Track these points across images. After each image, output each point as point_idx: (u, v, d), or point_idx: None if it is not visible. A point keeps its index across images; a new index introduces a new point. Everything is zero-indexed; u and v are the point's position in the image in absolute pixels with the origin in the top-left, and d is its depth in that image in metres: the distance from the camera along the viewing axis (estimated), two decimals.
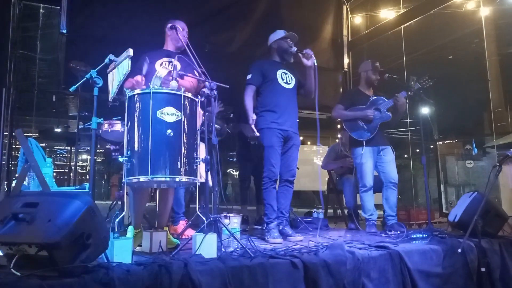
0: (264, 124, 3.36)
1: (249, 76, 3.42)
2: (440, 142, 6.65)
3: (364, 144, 3.89)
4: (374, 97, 4.00)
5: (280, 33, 3.53)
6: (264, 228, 3.35)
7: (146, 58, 2.90)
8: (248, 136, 4.45)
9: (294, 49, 3.42)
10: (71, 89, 2.61)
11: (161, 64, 3.01)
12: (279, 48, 3.51)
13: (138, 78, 2.79)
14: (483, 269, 2.77)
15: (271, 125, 3.32)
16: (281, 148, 3.35)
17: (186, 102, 2.52)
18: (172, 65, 2.95)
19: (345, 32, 6.67)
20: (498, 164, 3.10)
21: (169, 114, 2.45)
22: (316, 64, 3.38)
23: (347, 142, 4.82)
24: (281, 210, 3.37)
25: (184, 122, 2.49)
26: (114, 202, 4.10)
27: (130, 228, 2.69)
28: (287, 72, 3.50)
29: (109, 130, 3.08)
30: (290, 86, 3.47)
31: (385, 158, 3.90)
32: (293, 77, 3.52)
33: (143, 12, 4.78)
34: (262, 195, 4.61)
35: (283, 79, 3.45)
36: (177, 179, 2.45)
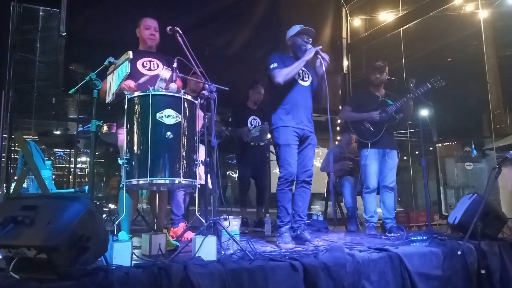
0: (280, 123, 3.22)
1: (275, 65, 3.20)
2: (440, 144, 6.66)
3: (370, 146, 3.88)
4: (382, 99, 3.98)
5: (295, 29, 3.35)
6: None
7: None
8: (248, 139, 4.45)
9: (309, 46, 3.23)
10: (70, 92, 2.61)
11: (142, 64, 3.01)
12: (294, 44, 3.34)
13: (131, 84, 2.76)
14: (483, 272, 2.77)
15: (288, 123, 3.18)
16: (297, 147, 3.21)
17: (185, 104, 2.52)
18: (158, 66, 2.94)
19: (344, 35, 6.68)
20: (497, 166, 3.10)
21: (169, 116, 2.44)
22: (325, 72, 3.24)
23: (347, 144, 4.84)
24: (299, 213, 3.22)
25: (183, 124, 2.48)
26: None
27: (122, 233, 2.66)
28: (303, 68, 3.35)
29: (109, 133, 3.08)
30: (307, 84, 3.34)
31: (389, 162, 3.88)
32: (309, 74, 3.39)
33: (143, 14, 4.78)
34: (262, 197, 4.65)
35: (299, 76, 3.31)
36: (176, 182, 2.44)
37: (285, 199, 3.14)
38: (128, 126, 2.49)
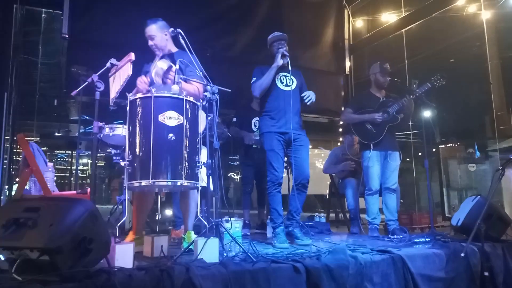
0: (265, 128, 3.38)
1: (253, 79, 3.42)
2: (442, 146, 6.64)
3: (372, 148, 3.87)
4: (383, 99, 3.97)
5: (268, 41, 3.53)
6: (271, 235, 3.32)
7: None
8: (252, 143, 4.45)
9: (281, 51, 3.35)
10: (72, 93, 2.62)
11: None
12: (271, 55, 3.49)
13: (144, 78, 2.79)
14: (486, 274, 2.76)
15: (271, 129, 3.32)
16: (283, 151, 3.33)
17: (187, 106, 2.52)
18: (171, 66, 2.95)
19: (346, 36, 6.68)
20: (501, 168, 3.09)
21: (171, 118, 2.44)
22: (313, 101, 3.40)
23: (349, 146, 4.82)
24: (292, 212, 3.33)
25: (185, 126, 2.49)
26: (115, 207, 4.10)
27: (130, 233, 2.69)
28: (287, 74, 3.48)
29: (110, 134, 3.07)
30: (290, 88, 3.43)
31: (391, 164, 3.86)
32: (294, 80, 3.49)
33: (145, 16, 4.79)
34: (263, 199, 4.65)
35: (282, 82, 3.44)
36: (178, 183, 2.44)
37: (275, 201, 3.27)
38: (130, 127, 2.50)
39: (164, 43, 3.09)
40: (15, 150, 4.62)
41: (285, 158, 3.44)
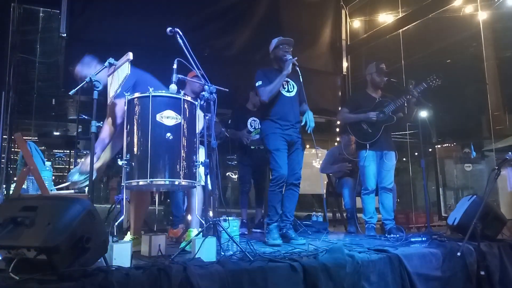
0: (269, 130, 3.44)
1: (259, 83, 3.44)
2: (439, 146, 6.67)
3: (368, 147, 3.88)
4: (379, 100, 3.99)
5: (274, 42, 3.55)
6: (265, 230, 3.35)
7: None
8: (248, 142, 4.46)
9: (289, 57, 3.41)
10: (70, 93, 2.61)
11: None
12: (275, 57, 3.54)
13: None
14: (482, 273, 2.78)
15: (276, 131, 3.40)
16: (286, 151, 3.41)
17: (185, 106, 2.53)
18: None
19: (343, 36, 6.70)
20: (496, 168, 3.11)
21: (169, 118, 2.45)
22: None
23: (345, 145, 4.84)
24: (286, 213, 3.41)
25: (183, 125, 2.49)
26: (113, 206, 4.10)
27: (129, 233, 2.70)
28: (289, 80, 3.54)
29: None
30: (292, 94, 3.53)
31: (387, 163, 3.88)
32: (295, 85, 3.56)
33: (143, 16, 4.79)
34: (261, 198, 4.66)
35: (284, 88, 3.50)
36: (176, 183, 2.45)
37: (276, 199, 3.34)
38: (128, 127, 2.50)
39: (98, 76, 2.70)
40: (12, 149, 4.60)
41: None
